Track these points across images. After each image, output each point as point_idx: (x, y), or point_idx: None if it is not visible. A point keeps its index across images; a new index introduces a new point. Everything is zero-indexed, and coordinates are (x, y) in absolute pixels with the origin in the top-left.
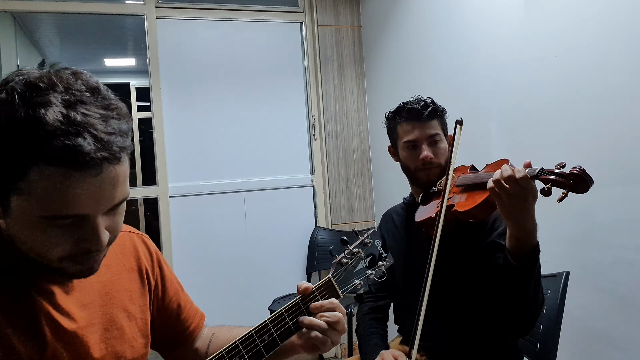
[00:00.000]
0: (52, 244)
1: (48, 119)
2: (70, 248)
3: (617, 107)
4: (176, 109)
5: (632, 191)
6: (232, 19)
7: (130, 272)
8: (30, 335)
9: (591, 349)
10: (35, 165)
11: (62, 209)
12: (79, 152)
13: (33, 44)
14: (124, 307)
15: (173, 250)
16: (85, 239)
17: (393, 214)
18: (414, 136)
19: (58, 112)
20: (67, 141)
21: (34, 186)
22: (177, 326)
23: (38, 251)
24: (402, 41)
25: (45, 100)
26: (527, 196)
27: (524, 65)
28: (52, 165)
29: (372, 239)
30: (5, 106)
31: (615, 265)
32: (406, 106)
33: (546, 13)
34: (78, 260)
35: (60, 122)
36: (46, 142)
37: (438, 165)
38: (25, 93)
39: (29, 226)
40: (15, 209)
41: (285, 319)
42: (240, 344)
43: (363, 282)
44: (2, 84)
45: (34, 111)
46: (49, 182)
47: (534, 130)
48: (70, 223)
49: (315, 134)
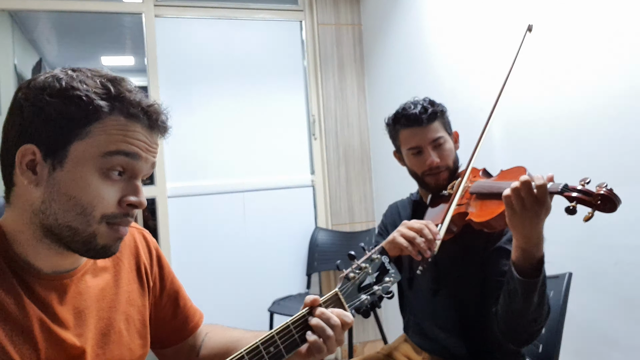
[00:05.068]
0: (101, 197)
1: (126, 84)
2: (114, 206)
3: (617, 107)
4: (175, 108)
5: (635, 192)
6: (231, 18)
7: (129, 272)
8: (25, 344)
9: (594, 350)
10: (110, 114)
11: (122, 145)
12: (148, 108)
13: (30, 43)
14: (122, 310)
15: (172, 251)
16: (130, 195)
17: (399, 207)
18: (416, 142)
19: (129, 82)
20: (137, 97)
21: (100, 131)
22: (175, 324)
23: (83, 207)
24: (402, 39)
25: (112, 75)
26: (539, 211)
27: (525, 65)
28: (124, 116)
29: (379, 254)
30: (79, 73)
31: (618, 266)
32: (404, 112)
33: (547, 12)
34: (115, 223)
35: (128, 87)
36: (120, 96)
37: (446, 168)
38: (96, 72)
39: (83, 174)
40: (73, 156)
41: (292, 331)
42: (246, 354)
43: (370, 298)
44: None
45: (114, 78)
46: (116, 128)
47: (535, 130)
48: (121, 178)
49: (315, 134)
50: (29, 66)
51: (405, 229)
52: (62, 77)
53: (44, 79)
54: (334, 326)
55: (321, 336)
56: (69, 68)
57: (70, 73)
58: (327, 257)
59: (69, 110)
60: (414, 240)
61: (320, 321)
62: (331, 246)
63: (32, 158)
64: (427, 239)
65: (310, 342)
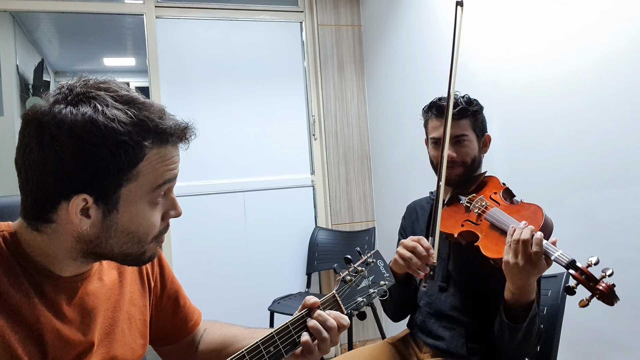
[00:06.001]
0: (154, 225)
1: (154, 105)
2: (160, 225)
3: (617, 107)
4: (175, 109)
5: (633, 191)
6: (232, 19)
7: (132, 273)
8: (32, 342)
9: (591, 349)
10: (152, 149)
11: (166, 175)
12: (180, 127)
13: (32, 44)
14: (125, 310)
15: (172, 250)
16: (169, 210)
17: (417, 207)
18: (438, 134)
19: (149, 101)
20: (169, 120)
21: (146, 168)
22: (175, 323)
23: (139, 237)
24: (402, 40)
25: (134, 95)
26: (530, 270)
27: (525, 65)
28: (162, 144)
29: (374, 258)
30: (110, 109)
31: (615, 266)
32: (437, 102)
33: (546, 13)
34: (159, 237)
35: (157, 113)
36: (160, 125)
37: (461, 163)
38: (113, 96)
39: (137, 210)
40: (125, 197)
41: (291, 332)
42: (246, 354)
43: (366, 300)
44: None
45: (139, 104)
46: (158, 159)
47: (534, 130)
48: (163, 196)
49: (315, 134)
50: (31, 67)
51: (402, 249)
52: (94, 116)
53: (75, 119)
54: (330, 328)
55: (316, 338)
56: (82, 87)
57: (99, 106)
58: (327, 256)
59: (117, 159)
60: (410, 260)
61: (317, 323)
62: (331, 246)
63: (85, 205)
64: (421, 256)
65: (302, 343)
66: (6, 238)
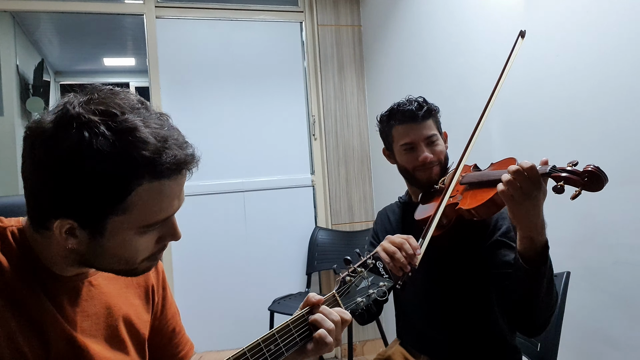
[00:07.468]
0: (141, 250)
1: (149, 140)
2: (153, 248)
3: (617, 106)
4: (176, 109)
5: (633, 191)
6: (232, 19)
7: (137, 287)
8: (36, 336)
9: (592, 349)
10: (141, 184)
11: (161, 214)
12: (179, 161)
13: (32, 44)
14: (127, 321)
15: (172, 251)
16: (166, 236)
17: (389, 212)
18: (410, 139)
19: (149, 132)
20: (166, 155)
21: (136, 202)
22: (168, 349)
23: (126, 260)
24: (402, 41)
25: (132, 123)
26: (538, 195)
27: (524, 65)
28: (156, 179)
29: (374, 260)
30: (97, 139)
31: (616, 266)
32: (399, 108)
33: (546, 12)
34: (153, 258)
35: (155, 139)
36: (154, 160)
37: (438, 163)
38: (107, 123)
39: (124, 239)
40: (111, 228)
41: (291, 330)
42: (248, 352)
43: (365, 300)
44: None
45: (132, 136)
46: (150, 195)
47: (534, 130)
48: (158, 226)
49: (315, 134)
50: (31, 67)
51: (387, 243)
52: (78, 148)
53: (62, 147)
54: (334, 321)
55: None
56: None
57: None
58: (327, 256)
59: (100, 191)
60: (394, 255)
61: (323, 316)
62: (331, 246)
63: (70, 227)
64: (407, 253)
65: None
66: (15, 234)
